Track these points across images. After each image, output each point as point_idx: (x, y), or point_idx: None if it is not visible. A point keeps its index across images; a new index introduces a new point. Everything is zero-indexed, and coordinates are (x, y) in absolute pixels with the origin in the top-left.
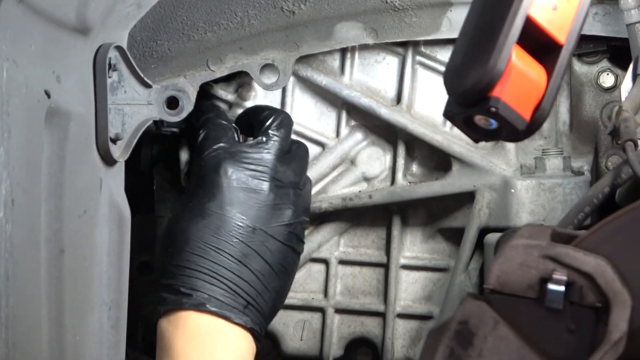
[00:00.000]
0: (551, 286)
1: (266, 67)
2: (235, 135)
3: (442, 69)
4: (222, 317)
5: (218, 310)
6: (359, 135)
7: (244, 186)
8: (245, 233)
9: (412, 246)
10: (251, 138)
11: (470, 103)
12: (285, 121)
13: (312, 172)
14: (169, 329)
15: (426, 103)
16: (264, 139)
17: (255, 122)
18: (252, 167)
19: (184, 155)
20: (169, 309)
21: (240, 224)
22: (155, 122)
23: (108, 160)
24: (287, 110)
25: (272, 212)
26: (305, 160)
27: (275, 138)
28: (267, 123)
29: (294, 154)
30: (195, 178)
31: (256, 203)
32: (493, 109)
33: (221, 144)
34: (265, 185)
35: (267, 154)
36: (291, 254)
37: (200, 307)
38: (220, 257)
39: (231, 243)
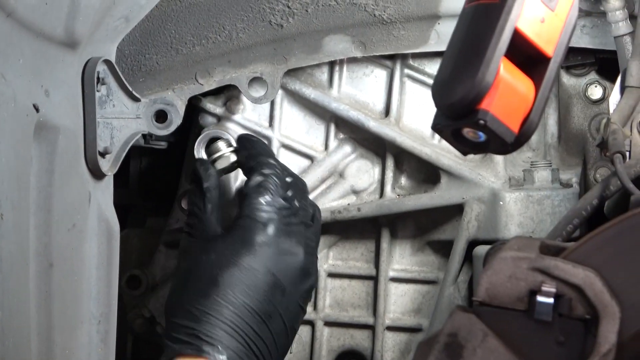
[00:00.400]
0: (540, 298)
1: (254, 80)
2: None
3: (431, 81)
4: None
5: None
6: (347, 148)
7: (282, 247)
8: (276, 294)
9: (401, 259)
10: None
11: (459, 116)
12: (301, 183)
13: None
14: None
15: (414, 116)
16: (290, 199)
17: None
18: (289, 232)
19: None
20: (187, 353)
21: (273, 283)
22: (143, 135)
23: (97, 174)
24: (276, 123)
25: (302, 276)
26: (320, 219)
27: (300, 203)
28: (285, 184)
29: (315, 217)
30: (236, 225)
31: (292, 266)
32: (481, 122)
33: (270, 201)
34: (301, 250)
35: (299, 221)
36: (302, 315)
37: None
38: (246, 313)
39: (260, 301)
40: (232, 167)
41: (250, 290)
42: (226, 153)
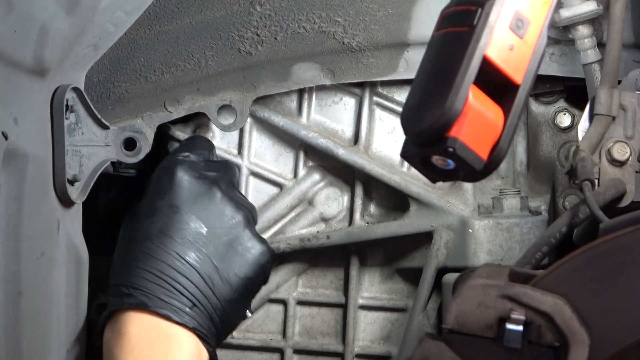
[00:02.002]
0: (509, 326)
1: (223, 108)
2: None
3: (400, 109)
4: (163, 316)
5: (159, 309)
6: (316, 176)
7: (195, 187)
8: (196, 234)
9: (370, 286)
10: None
11: (428, 143)
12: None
13: (270, 213)
14: (108, 335)
15: (384, 143)
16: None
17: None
18: (201, 173)
19: None
20: (110, 313)
21: (192, 224)
22: (112, 163)
23: (66, 201)
24: (245, 151)
25: (223, 214)
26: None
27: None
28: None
29: (231, 172)
30: (148, 181)
31: (207, 205)
32: (450, 149)
33: (180, 155)
34: (215, 189)
35: (211, 166)
36: (248, 268)
37: (139, 307)
38: (165, 255)
39: (179, 241)
40: None
41: (165, 233)
42: None
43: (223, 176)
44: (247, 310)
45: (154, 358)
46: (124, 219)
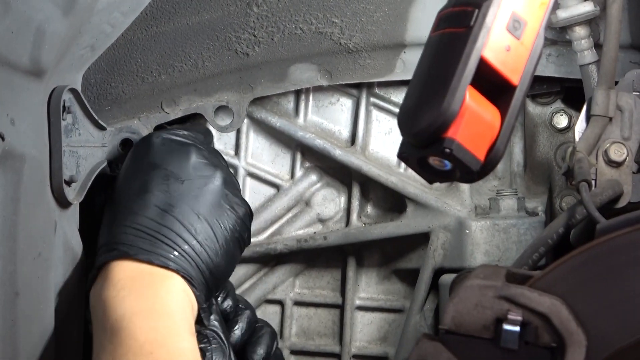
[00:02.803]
0: (506, 326)
1: (220, 109)
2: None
3: (397, 110)
4: (145, 261)
5: (141, 256)
6: (313, 177)
7: (171, 149)
8: (172, 184)
9: (367, 287)
10: None
11: (425, 144)
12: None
13: (267, 214)
14: (95, 290)
15: (381, 144)
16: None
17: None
18: (178, 137)
19: None
20: (93, 275)
21: (167, 176)
22: (109, 164)
23: (62, 202)
24: (242, 152)
25: (199, 167)
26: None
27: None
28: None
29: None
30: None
31: (184, 161)
32: (447, 150)
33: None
34: (192, 149)
35: (190, 135)
36: (230, 216)
37: (121, 257)
38: (145, 209)
39: (158, 195)
40: None
41: (144, 189)
42: None
43: (198, 136)
44: None
45: (141, 298)
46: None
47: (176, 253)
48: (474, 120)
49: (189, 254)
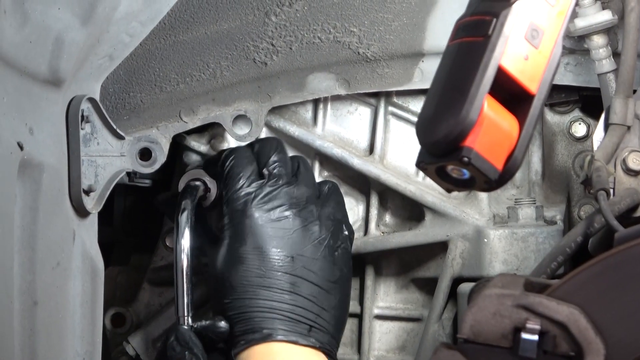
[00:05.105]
0: (524, 335)
1: (239, 118)
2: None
3: (415, 119)
4: (291, 342)
5: (285, 337)
6: None
7: (270, 222)
8: (286, 264)
9: (385, 296)
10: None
11: (443, 153)
12: (278, 147)
13: None
14: None
15: (399, 153)
16: (268, 172)
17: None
18: (270, 202)
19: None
20: (239, 351)
21: (278, 257)
22: (128, 173)
23: (81, 212)
24: None
25: (302, 234)
26: (308, 169)
27: (278, 166)
28: (265, 157)
29: (300, 170)
30: (223, 224)
31: (285, 233)
32: (465, 159)
33: (240, 186)
34: (287, 213)
35: (278, 186)
36: (335, 267)
37: (268, 339)
38: (270, 294)
39: (276, 278)
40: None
41: (261, 275)
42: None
43: (291, 191)
44: None
45: None
46: (210, 266)
47: (313, 329)
48: (492, 129)
49: (326, 327)
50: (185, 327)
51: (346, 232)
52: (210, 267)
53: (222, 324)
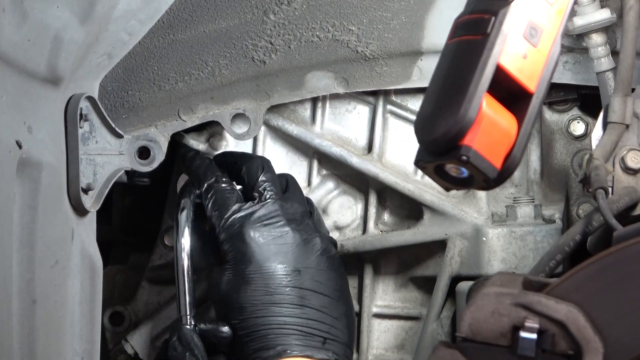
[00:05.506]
0: (523, 334)
1: (237, 116)
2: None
3: (413, 117)
4: (306, 356)
5: (300, 352)
6: (330, 185)
7: (270, 239)
8: (293, 278)
9: (384, 295)
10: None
11: (441, 152)
12: (264, 166)
13: None
14: None
15: (397, 152)
16: (258, 193)
17: (233, 173)
18: (267, 220)
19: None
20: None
21: (284, 272)
22: (126, 172)
23: (80, 210)
24: None
25: (304, 247)
26: (296, 185)
27: (268, 186)
28: (253, 179)
29: (289, 188)
30: (223, 251)
31: (288, 247)
32: (464, 158)
33: (232, 212)
34: (286, 229)
35: (271, 204)
36: (338, 276)
37: (283, 355)
38: (281, 310)
39: (285, 293)
40: None
41: (269, 293)
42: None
43: (285, 207)
44: None
45: None
46: (215, 289)
47: (327, 340)
48: (490, 128)
49: (339, 337)
50: (188, 327)
51: (333, 238)
52: (214, 290)
53: (225, 329)
